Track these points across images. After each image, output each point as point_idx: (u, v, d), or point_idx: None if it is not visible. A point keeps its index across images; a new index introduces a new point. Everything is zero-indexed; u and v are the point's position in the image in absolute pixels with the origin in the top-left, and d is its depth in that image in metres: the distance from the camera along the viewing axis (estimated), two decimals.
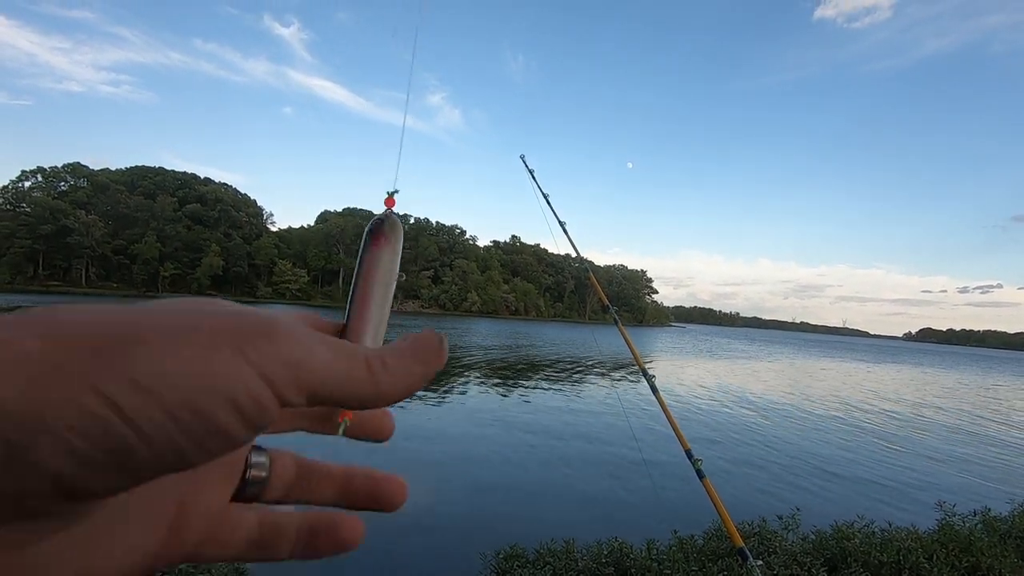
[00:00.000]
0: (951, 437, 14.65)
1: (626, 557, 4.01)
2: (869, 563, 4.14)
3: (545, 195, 3.41)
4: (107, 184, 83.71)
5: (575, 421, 12.32)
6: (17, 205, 76.53)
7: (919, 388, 29.23)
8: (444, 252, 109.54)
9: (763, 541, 4.42)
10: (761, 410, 16.13)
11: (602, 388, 18.16)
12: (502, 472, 8.14)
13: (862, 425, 15.13)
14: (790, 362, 42.61)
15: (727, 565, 3.87)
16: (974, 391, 30.61)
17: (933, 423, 16.84)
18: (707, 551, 4.18)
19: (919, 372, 43.77)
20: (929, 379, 36.94)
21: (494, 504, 6.85)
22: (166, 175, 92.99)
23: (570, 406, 14.30)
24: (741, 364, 35.78)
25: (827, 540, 4.55)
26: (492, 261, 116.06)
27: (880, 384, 29.42)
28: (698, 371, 27.70)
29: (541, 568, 3.78)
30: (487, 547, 4.28)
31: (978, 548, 4.42)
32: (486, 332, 48.54)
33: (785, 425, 14.02)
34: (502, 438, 10.20)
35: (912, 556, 4.15)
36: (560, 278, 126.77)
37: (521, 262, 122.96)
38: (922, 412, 19.21)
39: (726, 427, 12.99)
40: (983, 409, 22.02)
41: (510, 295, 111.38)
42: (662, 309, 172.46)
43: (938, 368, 52.63)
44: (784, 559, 4.06)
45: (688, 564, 3.85)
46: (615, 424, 11.84)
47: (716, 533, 4.46)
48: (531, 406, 13.91)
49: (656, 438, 9.65)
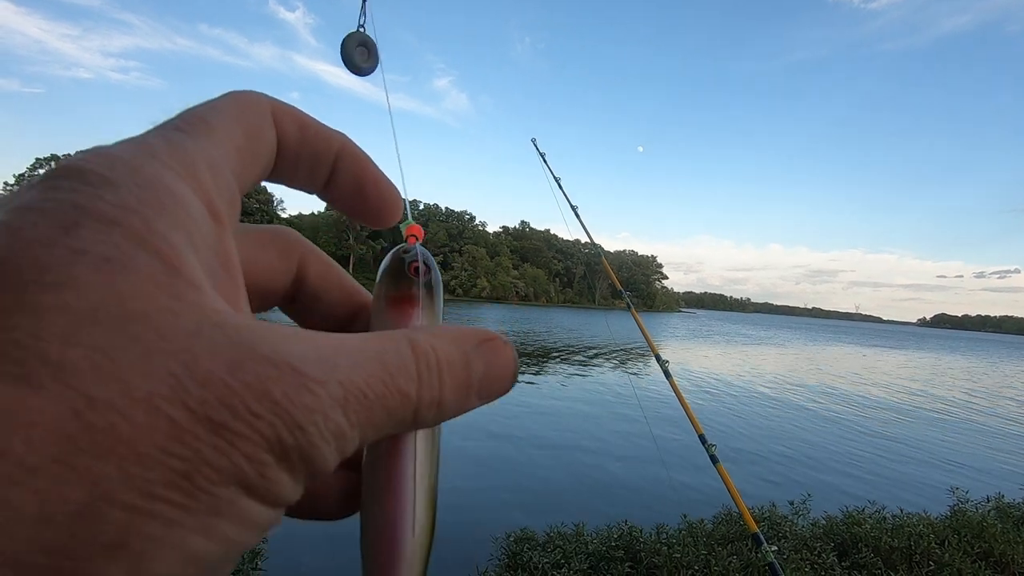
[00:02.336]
0: (964, 422, 14.53)
1: (636, 540, 4.04)
2: (880, 548, 4.14)
3: (557, 179, 3.38)
4: None
5: (586, 405, 12.36)
6: None
7: (932, 373, 28.95)
8: (453, 238, 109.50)
9: (773, 526, 4.43)
10: (771, 395, 16.07)
11: (614, 372, 18.17)
12: (512, 455, 8.21)
13: (874, 410, 15.04)
14: (801, 348, 42.32)
15: (737, 549, 3.88)
16: (989, 376, 30.27)
17: (946, 408, 16.70)
18: (716, 535, 4.20)
19: (933, 358, 43.32)
20: (943, 364, 36.57)
21: (504, 487, 6.91)
22: None
23: (581, 390, 14.34)
24: (752, 349, 35.59)
25: (838, 525, 4.55)
26: (501, 247, 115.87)
27: (893, 369, 29.16)
28: (709, 356, 27.62)
29: (551, 551, 3.82)
30: (497, 529, 4.32)
31: (991, 534, 4.40)
32: (496, 318, 48.66)
33: (796, 410, 13.97)
34: (512, 421, 10.26)
35: (924, 542, 4.14)
36: (570, 264, 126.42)
37: (531, 248, 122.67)
38: (935, 397, 19.04)
39: (736, 411, 12.97)
40: (998, 394, 21.78)
41: (520, 281, 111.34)
42: (672, 295, 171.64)
43: (953, 353, 52.03)
44: (795, 544, 4.07)
45: (697, 548, 3.87)
46: (627, 408, 11.86)
47: (726, 517, 4.47)
48: (541, 390, 13.96)
49: (668, 422, 9.66)
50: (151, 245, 0.15)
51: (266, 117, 0.22)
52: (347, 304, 0.28)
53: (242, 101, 0.21)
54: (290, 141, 0.23)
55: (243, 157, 0.21)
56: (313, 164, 0.24)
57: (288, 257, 0.26)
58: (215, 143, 0.19)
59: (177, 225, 0.16)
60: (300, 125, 0.23)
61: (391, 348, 0.19)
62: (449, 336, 0.21)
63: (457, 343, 0.21)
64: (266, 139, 0.22)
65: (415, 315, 0.25)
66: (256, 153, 0.21)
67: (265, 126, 0.22)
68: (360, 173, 0.25)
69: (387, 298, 0.25)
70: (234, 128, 0.20)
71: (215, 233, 0.18)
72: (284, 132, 0.22)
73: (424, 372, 0.19)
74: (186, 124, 0.19)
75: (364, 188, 0.25)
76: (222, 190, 0.19)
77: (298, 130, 0.23)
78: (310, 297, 0.27)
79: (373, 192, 0.25)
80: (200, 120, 0.20)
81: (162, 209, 0.16)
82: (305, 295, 0.27)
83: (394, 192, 0.26)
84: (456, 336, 0.21)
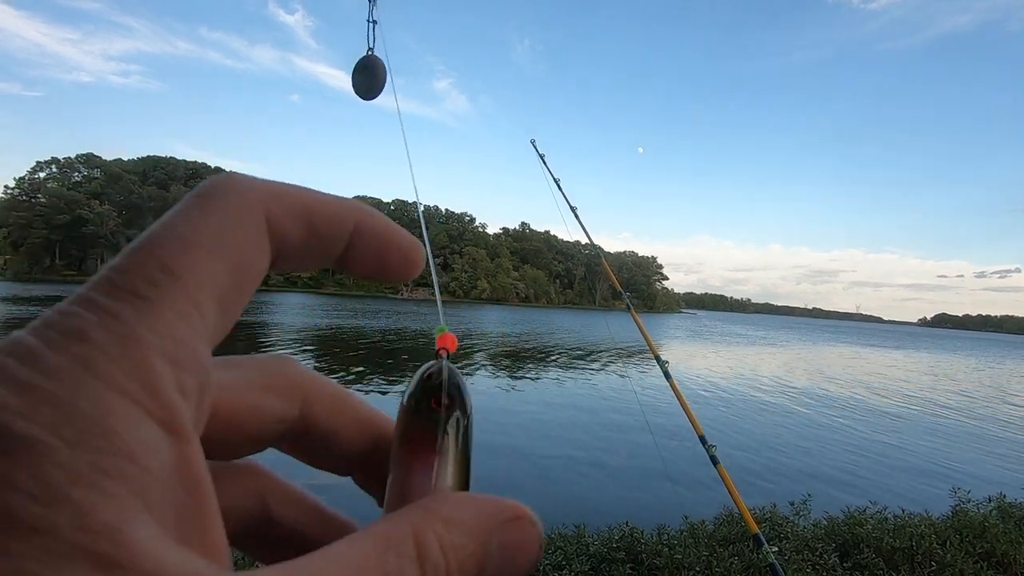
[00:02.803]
0: (966, 422, 14.52)
1: (637, 542, 4.04)
2: (881, 549, 4.13)
3: (556, 180, 3.38)
4: (120, 174, 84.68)
5: (587, 406, 12.37)
6: (33, 196, 77.69)
7: (933, 373, 28.94)
8: (454, 239, 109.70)
9: (774, 527, 4.43)
10: (771, 395, 16.07)
11: (614, 373, 18.17)
12: (512, 456, 8.20)
13: (874, 410, 15.03)
14: (802, 348, 42.31)
15: (738, 550, 3.88)
16: (990, 375, 30.25)
17: (947, 408, 16.69)
18: (718, 536, 4.20)
19: (933, 357, 43.29)
20: (943, 364, 36.55)
21: (504, 488, 6.89)
22: (178, 164, 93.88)
23: (581, 391, 14.34)
24: (753, 350, 35.60)
25: (839, 526, 4.55)
26: (502, 248, 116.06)
27: (893, 369, 29.15)
28: (709, 357, 27.62)
29: (552, 552, 3.82)
30: None
31: (993, 534, 4.39)
32: (497, 319, 48.69)
33: (796, 410, 13.97)
34: (513, 423, 10.26)
35: (925, 542, 4.13)
36: (570, 265, 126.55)
37: (531, 249, 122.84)
38: (936, 397, 19.03)
39: (737, 412, 12.97)
40: (999, 393, 21.77)
41: (520, 282, 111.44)
42: (673, 295, 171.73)
43: (953, 353, 52.00)
44: (796, 544, 4.07)
45: (699, 549, 3.87)
46: (627, 409, 11.86)
47: (727, 518, 4.47)
48: (541, 391, 13.97)
49: (668, 423, 9.66)
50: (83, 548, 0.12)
51: (258, 231, 0.18)
52: (363, 438, 0.24)
53: (226, 214, 0.18)
54: (294, 242, 0.20)
55: (224, 299, 0.17)
56: (324, 250, 0.21)
57: (290, 397, 0.22)
58: (182, 307, 0.16)
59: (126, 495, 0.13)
60: (306, 219, 0.20)
61: (393, 560, 0.16)
62: (465, 519, 0.18)
63: (475, 533, 0.18)
64: (256, 266, 0.18)
65: (434, 465, 0.21)
66: (243, 285, 0.18)
67: (256, 248, 0.18)
68: (382, 245, 0.22)
69: (404, 438, 0.22)
70: (214, 268, 0.17)
71: (174, 453, 0.15)
72: (286, 235, 0.19)
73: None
74: (147, 284, 0.16)
75: (387, 258, 0.22)
76: (187, 386, 0.16)
77: (304, 227, 0.20)
78: (320, 436, 0.24)
79: (396, 258, 0.22)
80: (166, 272, 0.16)
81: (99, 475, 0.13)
82: (314, 434, 0.24)
83: (417, 250, 0.23)
84: (475, 520, 0.18)
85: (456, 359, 0.23)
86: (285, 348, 19.35)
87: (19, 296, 37.67)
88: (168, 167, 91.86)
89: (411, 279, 0.24)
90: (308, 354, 18.54)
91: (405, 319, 38.39)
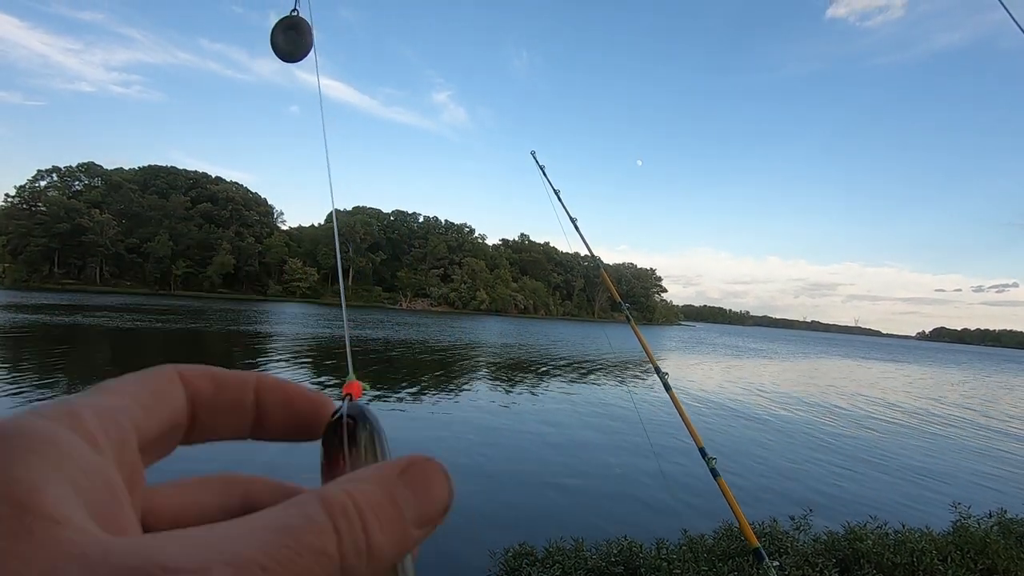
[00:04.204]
0: (966, 436, 14.46)
1: (635, 556, 3.99)
2: (882, 564, 4.09)
3: (556, 191, 3.40)
4: (120, 183, 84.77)
5: (586, 419, 12.29)
6: (33, 204, 77.79)
7: (932, 387, 28.86)
8: (453, 250, 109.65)
9: (774, 541, 4.38)
10: (770, 408, 16.00)
11: (613, 386, 18.10)
12: (511, 470, 8.14)
13: (874, 424, 14.96)
14: (800, 360, 42.23)
15: (738, 565, 3.84)
16: (989, 390, 30.17)
17: (947, 422, 16.61)
18: (717, 551, 4.15)
19: (932, 371, 43.20)
20: (942, 378, 36.45)
21: (503, 502, 6.85)
22: (178, 174, 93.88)
23: (581, 404, 14.27)
24: (751, 362, 35.51)
25: (839, 541, 4.51)
26: (501, 259, 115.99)
27: (892, 383, 29.07)
28: (708, 369, 27.54)
29: (550, 567, 3.78)
30: (496, 544, 4.27)
31: (994, 550, 4.36)
32: (496, 330, 48.58)
33: (796, 424, 13.89)
34: (512, 436, 10.20)
35: (926, 558, 4.09)
36: (569, 276, 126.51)
37: (530, 260, 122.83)
38: (935, 411, 18.96)
39: (736, 424, 12.90)
40: (998, 408, 21.69)
41: (519, 293, 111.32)
42: (671, 308, 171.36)
43: (952, 367, 51.89)
44: (796, 560, 4.03)
45: (698, 564, 3.83)
46: (627, 422, 11.81)
47: (726, 532, 4.43)
48: (541, 403, 13.90)
49: (667, 436, 9.61)
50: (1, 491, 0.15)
51: (172, 377, 0.25)
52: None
53: (149, 371, 0.24)
54: (204, 393, 0.25)
55: (146, 405, 0.23)
56: (235, 405, 0.26)
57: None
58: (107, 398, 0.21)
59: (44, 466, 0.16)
60: (212, 378, 0.26)
61: (295, 512, 0.18)
62: (369, 475, 0.21)
63: (379, 481, 0.20)
64: (172, 393, 0.24)
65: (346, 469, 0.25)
66: (161, 402, 0.24)
67: (170, 383, 0.24)
68: (285, 393, 0.27)
69: (325, 456, 0.26)
70: (136, 388, 0.23)
71: (99, 462, 0.19)
72: (197, 387, 0.25)
73: (343, 523, 0.18)
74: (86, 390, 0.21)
75: (294, 404, 0.27)
76: (108, 427, 0.20)
77: (211, 382, 0.26)
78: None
79: (304, 404, 0.27)
80: (101, 387, 0.22)
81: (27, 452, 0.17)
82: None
83: (321, 396, 0.28)
84: (376, 474, 0.21)
85: (459, 370, 0.22)
86: (284, 354, 19.25)
87: (15, 304, 37.46)
88: (168, 176, 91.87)
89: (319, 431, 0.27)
90: (308, 358, 18.50)
91: (401, 330, 38.31)
